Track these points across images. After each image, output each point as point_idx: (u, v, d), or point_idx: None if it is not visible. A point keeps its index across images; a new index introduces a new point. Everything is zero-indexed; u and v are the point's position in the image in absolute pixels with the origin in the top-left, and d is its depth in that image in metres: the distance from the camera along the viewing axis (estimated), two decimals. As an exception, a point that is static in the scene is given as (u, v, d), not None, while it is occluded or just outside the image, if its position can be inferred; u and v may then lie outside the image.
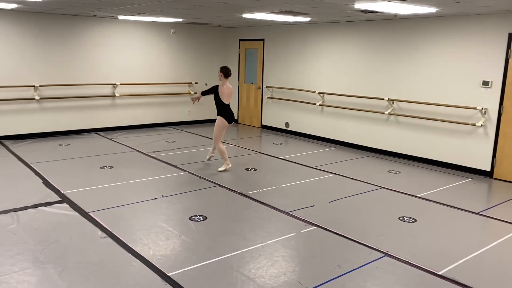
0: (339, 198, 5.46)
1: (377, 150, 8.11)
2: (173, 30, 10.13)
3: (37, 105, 8.59)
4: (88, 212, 4.73)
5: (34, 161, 6.74)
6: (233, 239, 4.15)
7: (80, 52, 8.95)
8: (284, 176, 6.38)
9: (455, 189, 6.00)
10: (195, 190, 5.62)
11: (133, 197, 5.29)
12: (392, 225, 4.63)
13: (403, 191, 5.79)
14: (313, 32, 9.07)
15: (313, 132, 9.33)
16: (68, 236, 4.12)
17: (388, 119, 7.89)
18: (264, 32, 10.17)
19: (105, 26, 9.17)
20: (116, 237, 4.12)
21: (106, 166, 6.63)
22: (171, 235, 4.21)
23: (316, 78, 9.11)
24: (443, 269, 3.66)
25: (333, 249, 4.01)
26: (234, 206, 5.09)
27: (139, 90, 9.88)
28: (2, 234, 4.10)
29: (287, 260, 3.78)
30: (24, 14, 8.18)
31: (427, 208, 5.20)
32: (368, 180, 6.26)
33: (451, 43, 6.88)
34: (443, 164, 7.15)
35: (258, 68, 10.50)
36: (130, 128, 9.86)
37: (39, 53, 8.45)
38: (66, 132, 9.00)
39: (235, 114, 11.46)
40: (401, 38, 7.52)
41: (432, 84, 7.16)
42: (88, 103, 9.20)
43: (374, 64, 8.00)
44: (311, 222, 4.62)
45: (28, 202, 4.95)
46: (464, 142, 6.86)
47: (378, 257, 3.85)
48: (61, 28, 8.63)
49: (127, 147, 8.01)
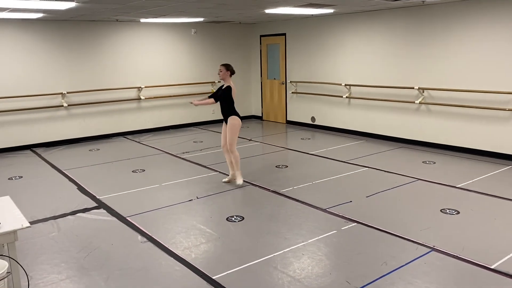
0: (376, 192, 5.34)
1: (408, 140, 7.93)
2: (194, 30, 10.11)
3: (65, 112, 8.70)
4: (125, 217, 4.74)
5: (67, 168, 6.82)
6: (273, 239, 4.10)
7: (104, 57, 9.02)
8: (316, 172, 6.29)
9: (495, 178, 5.80)
10: (229, 190, 5.58)
11: (168, 199, 5.28)
12: (435, 218, 4.50)
13: (441, 182, 5.62)
14: (336, 24, 8.91)
15: (341, 125, 9.18)
16: (109, 242, 4.13)
17: (419, 108, 7.69)
18: (285, 26, 10.05)
19: (127, 30, 9.22)
20: (156, 241, 4.12)
21: (137, 169, 6.66)
22: (211, 237, 4.18)
23: (341, 70, 8.96)
24: (495, 262, 3.52)
25: (377, 246, 3.91)
26: (269, 205, 5.03)
27: (163, 92, 9.91)
28: (44, 242, 4.15)
29: (331, 258, 3.71)
30: (48, 23, 8.28)
31: (469, 199, 5.03)
32: (403, 172, 6.12)
33: (482, 27, 6.64)
34: (479, 152, 6.93)
35: (281, 63, 10.40)
36: (156, 130, 9.90)
37: (64, 60, 8.55)
38: (95, 137, 9.10)
39: (259, 111, 11.50)
40: (429, 24, 7.30)
41: (464, 70, 6.94)
42: (114, 107, 9.28)
43: (402, 53, 7.81)
44: (351, 219, 4.52)
45: (66, 209, 5.00)
46: (501, 128, 6.63)
47: (425, 252, 3.73)
48: (84, 34, 8.71)
49: (156, 149, 8.04)
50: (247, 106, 11.42)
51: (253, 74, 11.30)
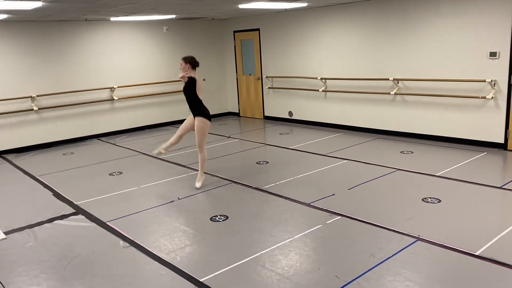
0: (358, 184, 5.36)
1: (385, 131, 8.01)
2: (166, 27, 9.92)
3: (36, 116, 8.40)
4: (105, 222, 4.60)
5: (40, 174, 6.58)
6: (260, 237, 4.05)
7: (74, 57, 8.75)
8: (297, 167, 6.27)
9: (472, 164, 5.91)
10: (210, 189, 5.50)
11: (148, 202, 5.16)
12: (417, 207, 4.54)
13: (420, 171, 5.69)
14: (310, 17, 8.90)
15: (318, 119, 9.21)
16: (90, 249, 3.99)
17: (395, 99, 7.77)
18: (259, 21, 9.98)
19: (97, 29, 8.96)
20: (139, 245, 4.00)
21: (114, 172, 6.49)
22: (195, 239, 4.10)
23: (317, 64, 8.97)
24: (480, 248, 3.58)
25: (363, 238, 3.91)
26: (253, 202, 4.98)
27: (137, 92, 9.70)
28: (22, 253, 3.97)
29: (319, 253, 3.68)
30: (13, 24, 7.95)
31: (449, 187, 5.11)
32: (382, 163, 6.17)
33: (453, 17, 6.74)
34: (455, 140, 7.06)
35: (256, 58, 10.33)
36: (131, 131, 9.69)
37: (32, 62, 8.25)
38: (68, 140, 8.83)
39: (236, 107, 11.40)
40: (402, 16, 7.37)
41: (437, 59, 7.04)
42: (87, 109, 9.02)
43: (375, 44, 7.86)
44: (335, 212, 4.51)
45: (43, 217, 4.81)
46: (475, 116, 6.77)
47: (410, 243, 3.76)
48: (52, 35, 8.41)
49: (132, 151, 7.86)
50: (223, 103, 11.32)
51: (228, 70, 11.19)
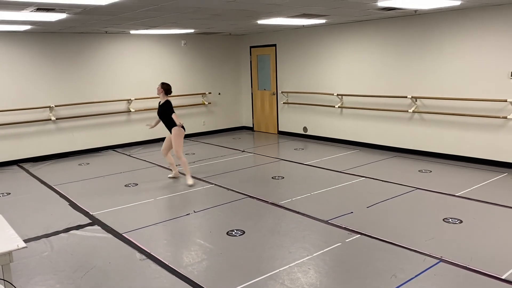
0: (376, 202, 5.27)
1: (402, 149, 7.92)
2: (184, 42, 10.02)
3: (53, 126, 8.48)
4: (121, 233, 4.57)
5: (57, 183, 6.61)
6: (277, 253, 3.98)
7: (93, 69, 8.86)
8: (314, 183, 6.20)
9: (493, 185, 5.79)
10: (226, 203, 5.46)
11: (164, 214, 5.13)
12: (438, 227, 4.44)
13: (440, 191, 5.59)
14: (327, 34, 8.93)
15: (333, 135, 9.15)
16: (106, 260, 3.96)
17: (412, 117, 7.70)
18: (276, 37, 10.04)
19: (116, 42, 9.08)
20: (156, 258, 3.96)
21: (130, 183, 6.49)
22: (212, 253, 4.05)
23: (333, 80, 8.95)
24: (506, 272, 3.47)
25: (384, 258, 3.82)
26: (269, 217, 4.92)
27: (154, 104, 9.75)
28: (38, 262, 3.96)
29: (339, 272, 3.60)
30: (36, 35, 8.10)
31: (470, 207, 5.00)
32: (400, 181, 6.08)
33: (475, 36, 6.70)
34: (474, 160, 6.95)
35: (271, 74, 10.36)
36: (147, 142, 9.73)
37: (52, 73, 8.37)
38: (84, 151, 8.89)
39: (250, 121, 11.41)
40: (421, 34, 7.35)
41: (457, 79, 6.98)
42: (103, 120, 9.10)
43: (394, 62, 7.83)
44: (354, 230, 4.43)
45: (59, 227, 4.81)
46: (496, 136, 6.66)
47: (433, 264, 3.66)
48: (72, 46, 8.55)
49: (147, 163, 7.88)
50: (238, 117, 11.34)
51: (243, 85, 11.24)
